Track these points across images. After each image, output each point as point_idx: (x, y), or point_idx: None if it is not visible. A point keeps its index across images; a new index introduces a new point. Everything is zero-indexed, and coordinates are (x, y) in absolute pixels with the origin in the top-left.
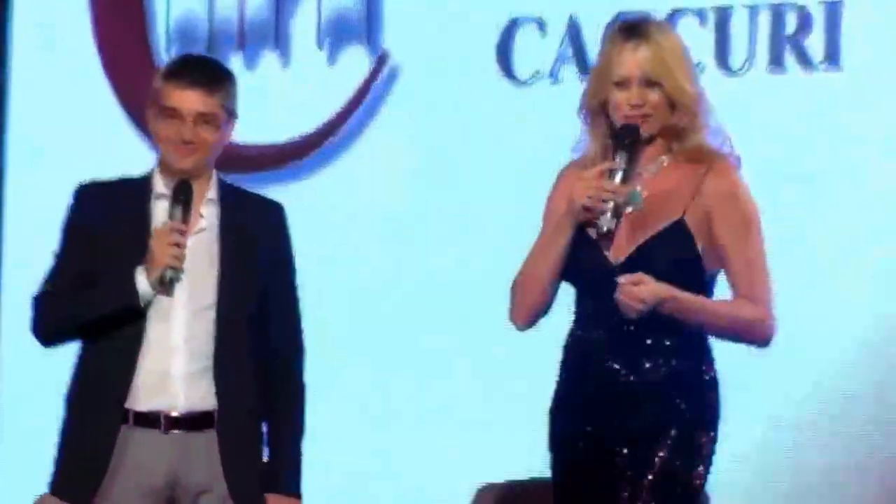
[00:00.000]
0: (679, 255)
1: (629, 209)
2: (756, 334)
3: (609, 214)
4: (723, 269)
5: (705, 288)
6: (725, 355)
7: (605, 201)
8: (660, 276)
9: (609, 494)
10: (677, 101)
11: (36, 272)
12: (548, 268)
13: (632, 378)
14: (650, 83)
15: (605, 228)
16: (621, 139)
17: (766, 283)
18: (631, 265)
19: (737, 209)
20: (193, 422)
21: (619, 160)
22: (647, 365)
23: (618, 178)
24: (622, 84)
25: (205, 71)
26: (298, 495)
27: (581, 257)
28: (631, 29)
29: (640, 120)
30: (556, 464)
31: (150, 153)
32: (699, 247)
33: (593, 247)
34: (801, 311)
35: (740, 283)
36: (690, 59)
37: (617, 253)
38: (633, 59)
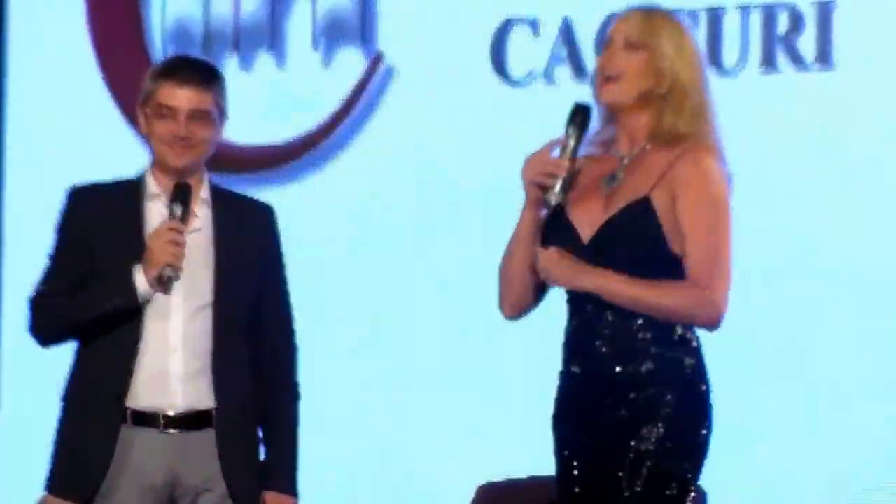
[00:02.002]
0: (642, 232)
1: (607, 190)
2: (698, 318)
3: (557, 188)
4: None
5: (671, 269)
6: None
7: (552, 176)
8: (623, 252)
9: (606, 487)
10: (658, 67)
11: (36, 272)
12: (518, 251)
13: (617, 368)
14: (633, 46)
15: (552, 202)
16: (572, 116)
17: (720, 269)
18: (598, 241)
19: (702, 191)
20: (192, 421)
21: (566, 136)
22: (631, 353)
23: (565, 153)
24: (606, 45)
25: (197, 69)
26: (295, 493)
27: (556, 240)
28: (639, 5)
29: (608, 84)
30: (556, 454)
31: (147, 153)
32: (664, 226)
33: (567, 228)
34: (796, 307)
35: (693, 265)
36: (693, 45)
37: (589, 231)
38: (621, 23)
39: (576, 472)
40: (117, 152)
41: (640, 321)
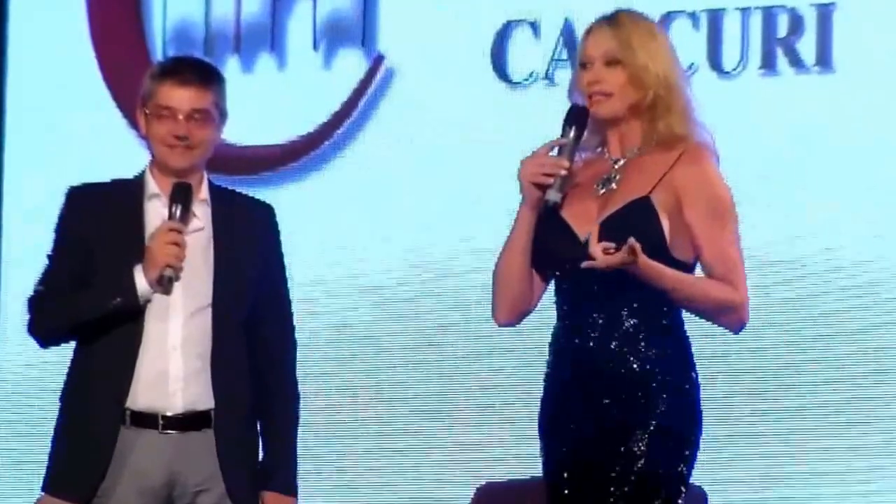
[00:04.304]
0: (642, 230)
1: (602, 191)
2: (729, 317)
3: (555, 188)
4: (697, 256)
5: (671, 267)
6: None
7: (550, 175)
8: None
9: (595, 486)
10: (641, 80)
11: (36, 272)
12: (515, 253)
13: (608, 369)
14: (612, 62)
15: (551, 202)
16: (569, 117)
17: (739, 269)
18: (597, 238)
19: (709, 194)
20: (191, 421)
21: (565, 136)
22: (622, 355)
23: (563, 152)
24: (585, 65)
25: (196, 69)
26: (294, 493)
27: (552, 238)
28: (604, 16)
29: (599, 98)
30: (544, 456)
31: (148, 155)
32: (665, 226)
33: (562, 226)
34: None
35: (715, 268)
36: (666, 45)
37: (586, 229)
38: (595, 40)
39: (566, 475)
40: (117, 152)
41: (630, 322)
